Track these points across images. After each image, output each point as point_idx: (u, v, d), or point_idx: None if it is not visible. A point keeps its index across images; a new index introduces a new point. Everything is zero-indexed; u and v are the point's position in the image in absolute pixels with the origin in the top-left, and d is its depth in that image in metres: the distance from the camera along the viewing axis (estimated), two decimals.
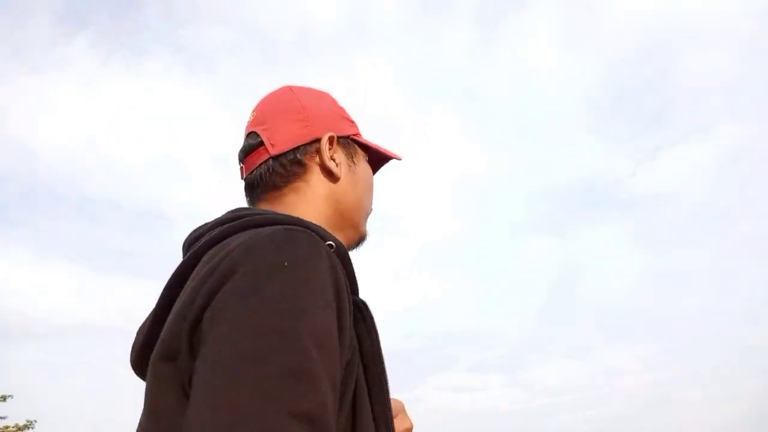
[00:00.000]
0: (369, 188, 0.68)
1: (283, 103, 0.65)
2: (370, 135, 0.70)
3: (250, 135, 0.65)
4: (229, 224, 0.51)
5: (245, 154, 0.65)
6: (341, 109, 0.69)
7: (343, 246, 0.52)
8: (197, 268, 0.47)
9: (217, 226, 0.53)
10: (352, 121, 0.69)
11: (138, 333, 0.60)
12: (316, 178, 0.62)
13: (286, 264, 0.42)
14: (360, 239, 0.68)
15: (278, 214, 0.54)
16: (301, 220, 0.52)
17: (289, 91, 0.67)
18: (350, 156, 0.65)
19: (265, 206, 0.62)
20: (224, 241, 0.49)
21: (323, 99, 0.68)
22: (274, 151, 0.61)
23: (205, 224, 0.57)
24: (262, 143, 0.63)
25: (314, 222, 0.53)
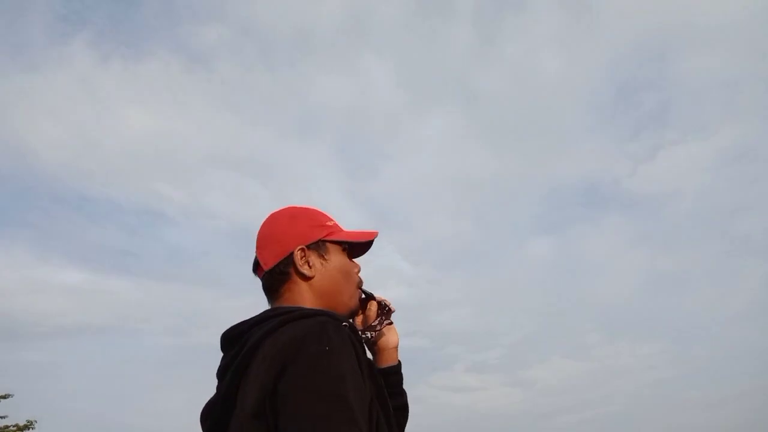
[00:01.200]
0: (345, 274, 0.91)
1: (267, 230, 0.91)
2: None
3: (255, 257, 0.91)
4: (273, 320, 0.74)
5: (254, 271, 0.92)
6: (313, 219, 0.92)
7: (353, 325, 0.77)
8: (263, 353, 0.69)
9: (263, 322, 0.75)
10: (324, 225, 0.91)
11: (205, 418, 0.79)
12: (297, 280, 0.87)
13: (327, 349, 0.66)
14: (352, 311, 0.92)
15: (304, 308, 0.79)
16: (323, 311, 0.77)
17: (270, 220, 0.92)
18: (321, 255, 0.89)
19: (278, 302, 0.87)
20: (277, 332, 0.70)
21: (296, 218, 0.91)
22: (265, 268, 0.88)
23: (246, 321, 0.79)
24: (260, 264, 0.89)
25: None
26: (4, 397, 10.61)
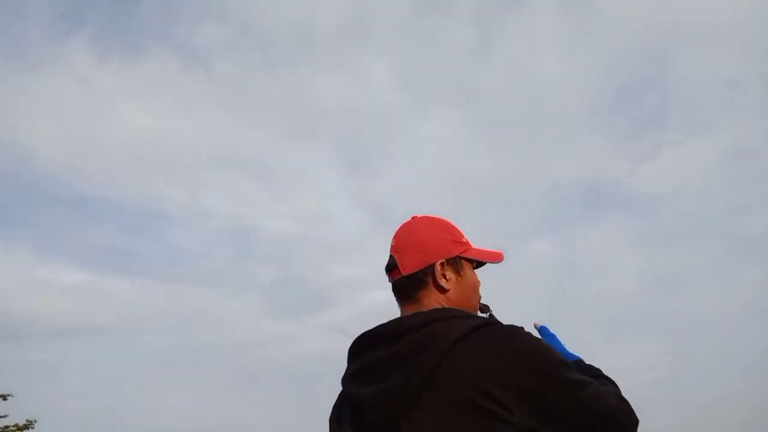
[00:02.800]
0: (474, 289, 0.97)
1: (410, 237, 0.95)
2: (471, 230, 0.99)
3: (390, 257, 0.95)
4: (457, 320, 0.79)
5: (389, 270, 0.95)
6: (452, 233, 0.96)
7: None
8: (468, 345, 0.75)
9: (441, 320, 0.79)
10: (460, 242, 0.96)
11: (357, 410, 0.81)
12: (433, 289, 0.91)
13: (540, 341, 0.79)
14: None
15: (457, 309, 0.87)
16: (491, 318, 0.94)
17: (414, 227, 0.97)
18: (457, 271, 0.93)
19: (408, 305, 0.92)
20: (473, 336, 0.76)
21: (438, 230, 0.96)
22: (404, 273, 0.92)
23: (410, 317, 0.82)
24: (398, 266, 0.93)
25: None
26: (4, 397, 10.61)
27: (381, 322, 0.85)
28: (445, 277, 0.91)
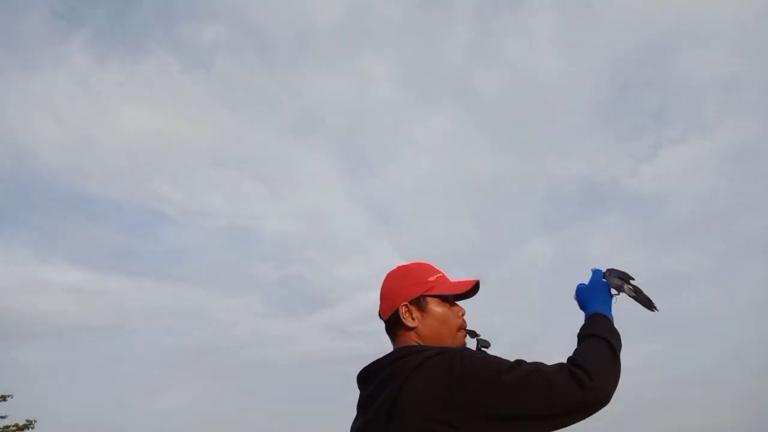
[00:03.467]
0: (442, 322, 1.07)
1: (384, 288, 1.12)
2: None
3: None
4: (415, 356, 0.92)
5: (380, 315, 1.12)
6: (416, 277, 1.09)
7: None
8: (416, 380, 0.87)
9: (403, 358, 0.93)
10: (425, 282, 1.08)
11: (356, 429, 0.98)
12: (405, 328, 1.05)
13: (476, 353, 0.92)
14: None
15: (419, 345, 1.01)
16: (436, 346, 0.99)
17: (386, 279, 1.13)
18: (421, 309, 1.06)
19: (394, 343, 1.07)
20: (423, 366, 0.88)
21: (402, 277, 1.10)
22: (384, 317, 1.09)
23: (383, 358, 0.98)
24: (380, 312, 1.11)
25: None
26: (4, 398, 10.60)
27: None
28: (411, 316, 1.05)
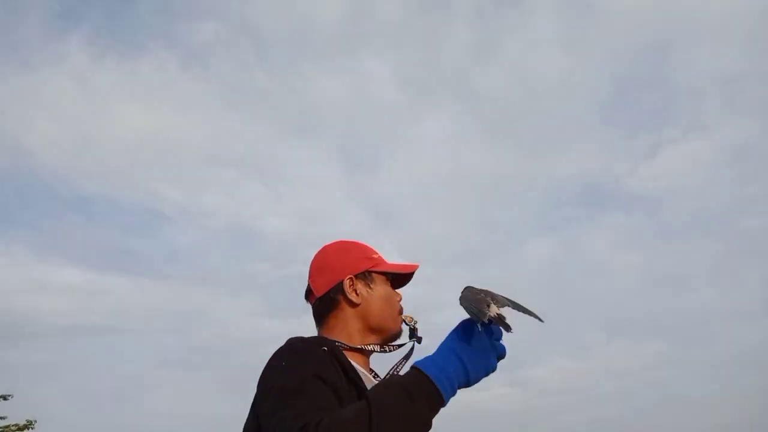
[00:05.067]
0: (387, 302, 0.98)
1: (319, 260, 1.01)
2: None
3: (308, 285, 1.00)
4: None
5: (306, 298, 1.01)
6: (361, 251, 1.00)
7: (337, 347, 0.84)
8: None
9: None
10: (370, 258, 1.00)
11: None
12: (345, 307, 0.95)
13: (283, 365, 0.76)
14: (394, 335, 0.99)
15: (299, 338, 0.86)
16: (308, 338, 0.86)
17: (322, 252, 1.02)
18: (367, 284, 0.97)
19: (320, 330, 0.97)
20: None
21: (345, 250, 1.01)
22: (317, 295, 0.97)
23: None
24: (312, 291, 0.98)
25: (348, 334, 0.93)
26: (4, 397, 10.59)
27: None
28: (356, 291, 0.96)
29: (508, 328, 0.72)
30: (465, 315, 0.76)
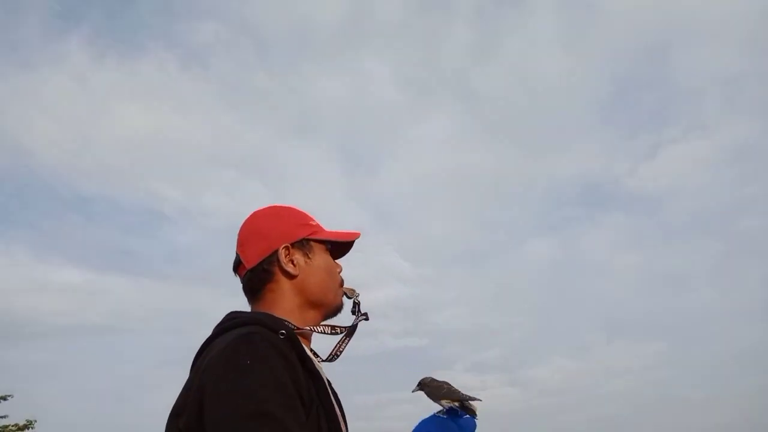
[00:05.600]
0: (328, 272, 0.89)
1: (250, 227, 0.89)
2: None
3: (236, 256, 0.89)
4: (219, 327, 0.77)
5: (235, 269, 0.89)
6: (297, 218, 0.91)
7: (292, 331, 0.75)
8: (196, 365, 0.72)
9: (219, 324, 0.78)
10: (308, 224, 0.90)
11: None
12: (280, 278, 0.85)
13: (247, 363, 0.64)
14: (336, 309, 0.91)
15: (251, 313, 0.82)
16: (262, 319, 0.76)
17: (253, 217, 0.91)
18: (305, 254, 0.87)
19: (255, 305, 0.86)
20: (213, 342, 0.73)
21: (279, 216, 0.90)
22: (248, 267, 0.85)
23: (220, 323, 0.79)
24: (242, 261, 0.87)
25: (287, 310, 0.83)
26: (4, 398, 10.59)
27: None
28: (292, 262, 0.85)
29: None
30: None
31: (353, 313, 0.93)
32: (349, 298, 0.93)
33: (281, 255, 0.85)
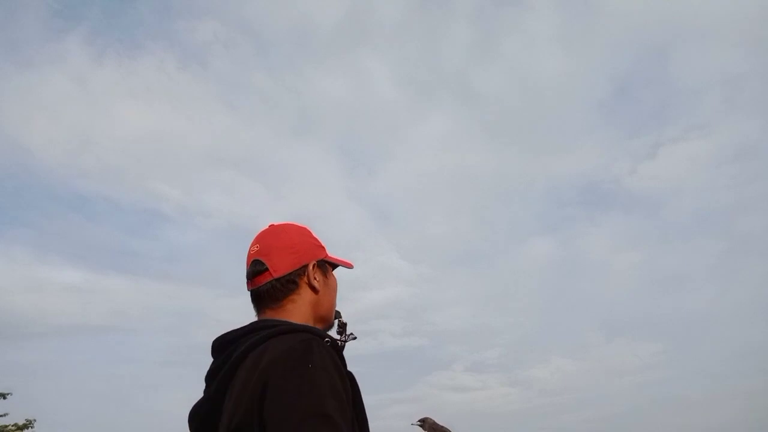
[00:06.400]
0: (335, 292, 0.98)
1: (280, 240, 0.93)
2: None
3: (255, 262, 0.91)
4: (261, 332, 0.79)
5: (254, 276, 0.91)
6: (316, 239, 0.98)
7: (335, 342, 0.83)
8: (247, 367, 0.74)
9: (253, 332, 0.80)
10: (322, 246, 0.98)
11: (192, 418, 0.85)
12: (304, 292, 0.91)
13: (310, 367, 0.70)
14: (331, 327, 0.98)
15: (290, 322, 0.84)
16: (308, 327, 0.83)
17: (280, 230, 0.95)
18: (324, 274, 0.95)
19: (270, 313, 0.89)
20: (261, 347, 0.76)
21: (305, 234, 0.97)
22: (275, 275, 0.89)
23: (237, 330, 0.83)
24: (267, 269, 0.89)
25: (304, 321, 0.88)
26: (4, 396, 10.60)
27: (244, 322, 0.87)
28: (316, 278, 0.92)
29: None
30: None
31: (338, 333, 0.98)
32: (336, 318, 1.00)
33: (310, 270, 0.92)
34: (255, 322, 0.86)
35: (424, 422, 1.16)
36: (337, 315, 0.99)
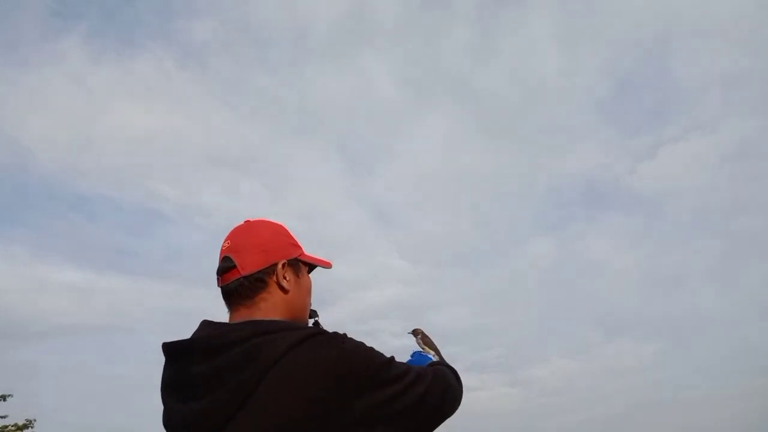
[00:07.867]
0: (309, 292, 0.97)
1: (250, 237, 0.91)
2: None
3: (225, 259, 0.89)
4: (283, 333, 0.77)
5: (223, 272, 0.89)
6: (290, 237, 0.96)
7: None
8: (292, 369, 0.72)
9: (266, 334, 0.77)
10: (297, 245, 0.96)
11: (179, 426, 0.78)
12: (274, 290, 0.88)
13: (356, 345, 0.78)
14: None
15: (291, 323, 0.84)
16: (308, 327, 0.84)
17: (252, 227, 0.94)
18: (296, 273, 0.93)
19: (245, 311, 0.87)
20: (294, 351, 0.74)
21: (277, 232, 0.94)
22: (243, 273, 0.87)
23: (233, 329, 0.79)
24: (235, 266, 0.87)
25: (281, 319, 0.87)
26: (4, 397, 10.59)
27: (207, 324, 0.84)
28: (285, 277, 0.89)
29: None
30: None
31: None
32: (312, 317, 0.98)
33: (279, 269, 0.90)
34: (250, 321, 0.83)
35: (415, 332, 1.25)
36: (313, 314, 0.98)
